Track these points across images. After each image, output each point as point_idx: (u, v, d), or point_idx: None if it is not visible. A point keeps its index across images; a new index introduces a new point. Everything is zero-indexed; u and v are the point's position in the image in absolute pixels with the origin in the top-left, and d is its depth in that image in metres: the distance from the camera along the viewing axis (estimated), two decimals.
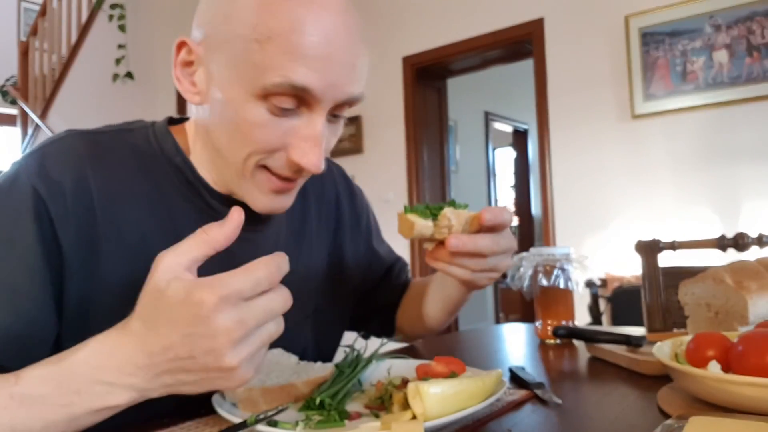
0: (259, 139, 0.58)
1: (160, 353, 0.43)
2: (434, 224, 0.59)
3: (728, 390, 0.48)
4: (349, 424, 0.51)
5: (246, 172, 0.60)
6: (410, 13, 3.96)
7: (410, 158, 3.99)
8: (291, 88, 0.55)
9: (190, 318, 0.42)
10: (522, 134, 6.47)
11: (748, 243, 0.91)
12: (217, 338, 0.42)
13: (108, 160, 0.62)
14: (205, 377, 0.44)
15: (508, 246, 0.64)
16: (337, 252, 0.83)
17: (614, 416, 0.54)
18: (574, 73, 3.27)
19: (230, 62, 0.57)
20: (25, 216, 0.55)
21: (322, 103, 0.57)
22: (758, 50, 2.73)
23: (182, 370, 0.44)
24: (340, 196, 0.85)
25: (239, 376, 0.43)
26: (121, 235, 0.61)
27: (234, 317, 0.42)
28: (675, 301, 0.84)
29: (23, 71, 5.13)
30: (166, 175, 0.65)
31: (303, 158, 0.58)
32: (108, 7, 4.10)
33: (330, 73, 0.56)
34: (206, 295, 0.41)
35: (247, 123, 0.57)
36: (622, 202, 3.09)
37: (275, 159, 0.59)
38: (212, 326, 0.41)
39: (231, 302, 0.42)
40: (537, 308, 0.97)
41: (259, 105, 0.56)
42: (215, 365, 0.43)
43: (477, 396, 0.51)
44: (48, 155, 0.59)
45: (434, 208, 0.60)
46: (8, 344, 0.53)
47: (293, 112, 0.57)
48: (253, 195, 0.63)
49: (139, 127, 0.68)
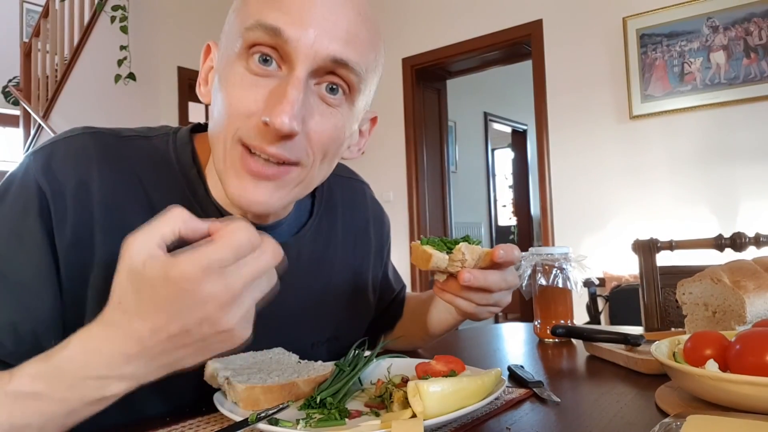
0: (232, 100, 0.55)
1: (150, 336, 0.42)
2: (449, 257, 0.61)
3: (726, 389, 0.49)
4: (350, 423, 0.51)
5: (227, 145, 0.56)
6: (410, 15, 3.97)
7: (410, 159, 4.00)
8: (262, 29, 0.53)
9: (175, 294, 0.40)
10: (521, 135, 6.47)
11: (746, 243, 0.91)
12: (207, 306, 0.41)
13: (117, 164, 0.61)
14: (203, 346, 0.43)
15: (514, 283, 0.66)
16: (362, 279, 0.81)
17: (612, 415, 0.54)
18: (572, 74, 3.28)
19: (223, 41, 0.58)
20: (32, 213, 0.55)
21: (299, 55, 0.53)
22: (755, 51, 2.73)
23: (178, 346, 0.43)
24: (370, 222, 0.84)
25: (237, 336, 0.43)
26: (117, 244, 0.59)
27: (219, 284, 0.41)
28: (673, 300, 0.85)
29: (26, 72, 5.14)
30: (177, 187, 0.63)
31: (268, 112, 0.53)
32: (110, 9, 4.10)
33: (307, 21, 0.53)
34: (188, 269, 0.40)
35: (227, 86, 0.55)
36: (620, 202, 3.09)
37: (249, 127, 0.55)
38: (199, 297, 0.40)
39: (214, 271, 0.40)
40: (536, 307, 0.98)
41: (239, 64, 0.55)
42: (212, 331, 0.42)
43: (476, 394, 0.52)
44: (55, 153, 0.58)
45: (449, 242, 0.62)
46: (16, 341, 0.53)
47: (272, 74, 0.54)
48: (231, 180, 0.57)
49: (160, 135, 0.66)
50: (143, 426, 0.55)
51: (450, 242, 0.62)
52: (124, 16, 4.04)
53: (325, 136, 0.57)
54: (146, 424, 0.55)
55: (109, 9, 4.11)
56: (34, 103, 4.90)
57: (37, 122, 4.85)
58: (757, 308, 0.72)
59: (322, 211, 0.75)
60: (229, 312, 0.42)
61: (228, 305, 0.41)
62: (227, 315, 0.42)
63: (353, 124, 0.62)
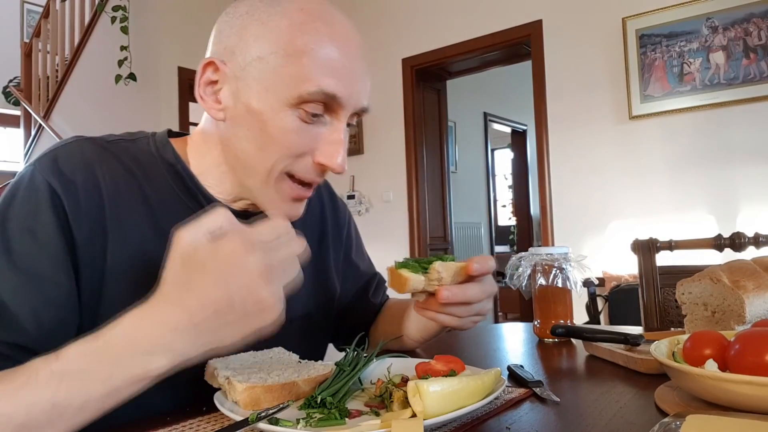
0: (289, 144, 0.63)
1: (200, 311, 0.46)
2: (425, 277, 0.63)
3: (725, 388, 0.49)
4: (350, 422, 0.51)
5: (271, 179, 0.65)
6: (410, 15, 3.97)
7: (410, 159, 4.00)
8: (323, 95, 0.62)
9: (224, 266, 0.45)
10: (521, 135, 6.48)
11: (745, 243, 0.92)
12: (249, 276, 0.46)
13: (113, 164, 0.66)
14: (244, 319, 0.47)
15: (492, 291, 0.69)
16: (323, 260, 0.86)
17: (612, 414, 0.54)
18: (572, 75, 3.28)
19: (262, 77, 0.62)
20: (44, 209, 0.59)
21: (345, 110, 0.64)
22: (755, 51, 2.74)
23: (221, 323, 0.46)
24: (325, 208, 0.89)
25: (273, 308, 0.47)
26: (125, 234, 0.64)
27: (262, 259, 0.46)
28: (672, 300, 0.85)
29: (26, 72, 5.14)
30: (165, 181, 0.69)
31: (330, 159, 0.64)
32: (110, 9, 4.10)
33: (352, 84, 0.64)
34: (235, 245, 0.46)
35: (279, 130, 0.62)
36: (619, 202, 3.09)
37: (301, 164, 0.65)
38: (246, 267, 0.46)
39: (258, 247, 0.47)
40: (535, 307, 0.98)
41: (291, 113, 0.62)
42: (253, 300, 0.46)
43: (476, 394, 0.52)
44: (59, 156, 0.63)
45: (423, 262, 0.64)
46: (40, 330, 0.56)
47: (319, 119, 0.64)
48: (273, 202, 0.67)
49: (140, 137, 0.72)
50: (143, 426, 0.55)
51: (425, 262, 0.64)
52: (124, 17, 4.04)
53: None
54: (146, 424, 0.55)
55: (110, 9, 4.12)
56: (35, 104, 4.90)
57: (37, 122, 4.85)
58: (757, 308, 0.72)
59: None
60: (268, 283, 0.46)
61: (266, 276, 0.46)
62: (266, 285, 0.46)
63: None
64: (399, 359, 0.69)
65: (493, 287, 0.70)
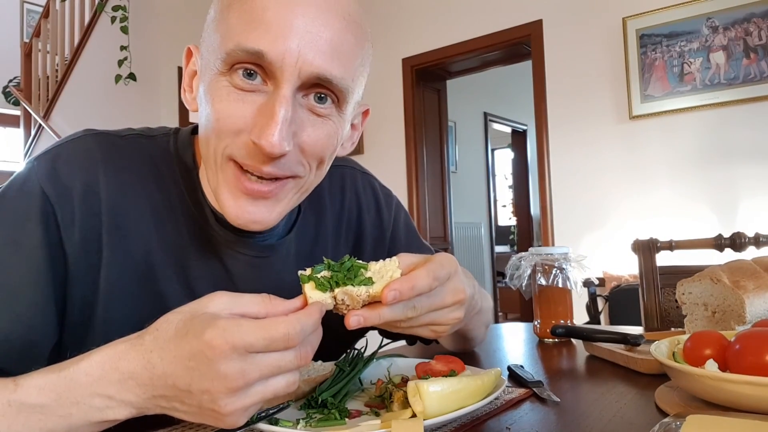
0: (221, 115, 0.53)
1: (161, 377, 0.43)
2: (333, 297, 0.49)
3: (725, 389, 0.49)
4: (350, 422, 0.51)
5: (217, 162, 0.56)
6: (410, 15, 3.97)
7: (410, 159, 4.00)
8: (245, 53, 0.51)
9: (197, 354, 0.41)
10: (521, 135, 6.47)
11: (745, 243, 0.92)
12: (215, 382, 0.41)
13: (122, 165, 0.61)
14: (198, 412, 0.44)
15: (434, 305, 0.52)
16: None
17: (612, 414, 0.54)
18: (572, 75, 3.28)
19: (204, 51, 0.57)
20: (33, 218, 0.55)
21: (284, 74, 0.52)
22: (755, 51, 2.73)
23: (178, 399, 0.44)
24: (362, 209, 0.80)
25: (229, 421, 0.43)
26: (127, 246, 0.60)
27: (237, 367, 0.41)
28: (672, 300, 0.85)
29: (26, 72, 5.14)
30: (176, 189, 0.63)
31: (259, 135, 0.51)
32: (110, 9, 4.10)
33: (288, 40, 0.51)
34: (217, 339, 0.41)
35: (213, 101, 0.54)
36: (620, 202, 3.09)
37: (238, 144, 0.54)
38: (213, 369, 0.41)
39: (238, 352, 0.41)
40: (535, 307, 0.98)
41: (223, 80, 0.54)
42: (208, 406, 0.42)
43: (476, 394, 0.52)
44: (60, 156, 0.59)
45: (336, 272, 0.49)
46: (7, 349, 0.53)
47: (258, 89, 0.53)
48: (227, 200, 0.56)
49: (160, 135, 0.66)
50: (143, 426, 0.55)
51: (342, 276, 0.49)
52: (124, 17, 4.04)
53: (319, 146, 0.57)
54: (146, 424, 0.55)
55: (110, 9, 4.11)
56: (35, 104, 4.91)
57: (37, 122, 4.86)
58: (757, 308, 0.72)
59: (306, 205, 0.73)
60: (233, 397, 0.42)
61: (234, 391, 0.42)
62: (229, 399, 0.42)
63: (345, 126, 0.61)
64: (399, 359, 0.69)
65: (444, 298, 0.53)
